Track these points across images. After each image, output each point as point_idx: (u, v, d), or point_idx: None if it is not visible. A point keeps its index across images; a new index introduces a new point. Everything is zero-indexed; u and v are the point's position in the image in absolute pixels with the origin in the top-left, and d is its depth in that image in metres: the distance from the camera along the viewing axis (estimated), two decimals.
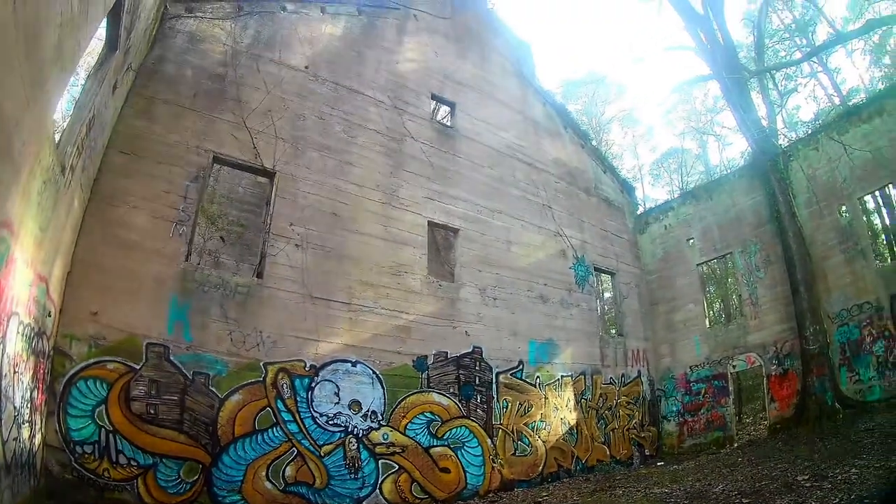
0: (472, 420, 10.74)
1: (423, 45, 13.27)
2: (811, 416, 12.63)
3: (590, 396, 13.31)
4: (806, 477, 7.85)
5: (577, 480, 11.60)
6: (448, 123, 13.46)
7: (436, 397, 10.35)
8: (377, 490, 9.01)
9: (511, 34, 15.81)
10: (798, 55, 23.90)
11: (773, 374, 13.88)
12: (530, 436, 11.67)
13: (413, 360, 10.24)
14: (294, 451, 8.33)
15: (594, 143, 19.49)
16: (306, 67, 10.74)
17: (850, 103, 19.57)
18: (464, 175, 12.67)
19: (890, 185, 14.09)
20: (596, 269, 15.34)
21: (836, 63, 29.80)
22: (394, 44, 12.62)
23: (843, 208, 13.82)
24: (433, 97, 13.05)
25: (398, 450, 9.47)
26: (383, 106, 11.61)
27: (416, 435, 9.81)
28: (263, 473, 7.98)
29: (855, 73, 30.49)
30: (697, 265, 16.32)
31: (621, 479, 10.97)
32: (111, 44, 6.32)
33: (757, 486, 7.94)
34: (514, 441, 11.33)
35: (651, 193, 35.93)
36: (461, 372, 10.93)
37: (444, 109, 14.81)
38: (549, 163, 15.13)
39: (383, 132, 11.38)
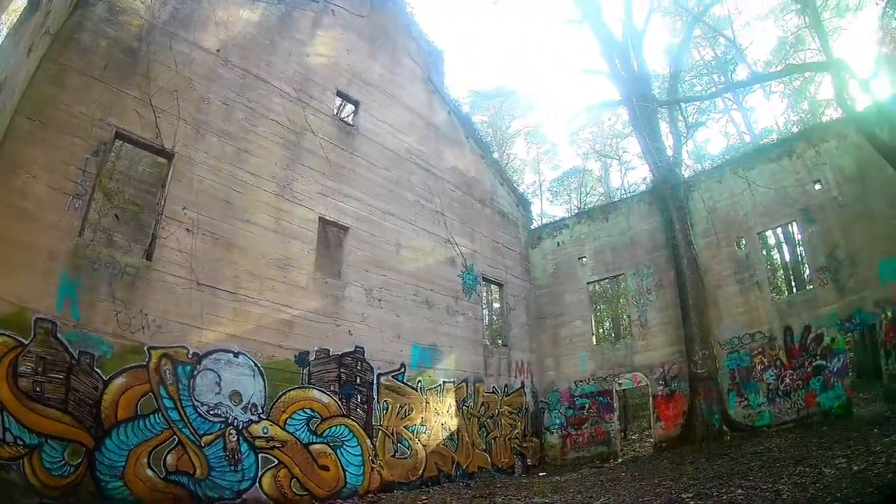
0: (352, 419, 11.80)
1: (337, 40, 14.39)
2: (698, 436, 14.65)
3: (472, 404, 14.89)
4: (690, 495, 8.69)
5: (458, 486, 12.94)
6: (350, 122, 14.60)
7: (316, 394, 11.30)
8: (257, 484, 9.80)
9: (425, 40, 17.37)
10: (714, 90, 27.40)
11: (660, 394, 16.10)
12: (410, 439, 12.96)
13: (295, 356, 11.14)
14: (175, 439, 8.95)
15: (495, 155, 21.50)
16: (217, 51, 11.51)
17: (762, 142, 22.97)
18: (360, 174, 13.83)
19: (793, 224, 16.79)
20: (485, 279, 17.06)
21: (752, 103, 34.43)
22: (307, 36, 13.66)
23: (742, 241, 16.23)
24: (339, 94, 14.17)
25: (278, 444, 10.32)
26: (288, 97, 12.59)
27: (296, 431, 10.71)
28: (145, 460, 8.54)
29: (771, 114, 35.00)
30: (588, 283, 18.56)
31: (502, 488, 12.27)
32: (33, 2, 6.88)
33: (640, 502, 8.89)
34: (394, 443, 12.55)
35: (549, 210, 38.94)
36: (342, 370, 11.95)
37: (350, 108, 15.86)
38: (447, 170, 16.71)
39: (284, 124, 12.33)
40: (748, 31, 30.40)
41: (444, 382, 14.33)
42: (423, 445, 13.26)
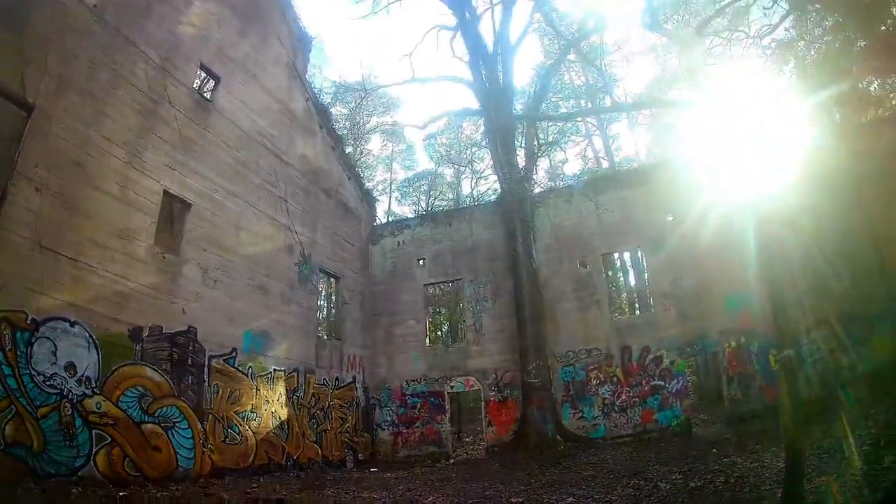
0: (184, 401, 12.42)
1: (210, 13, 14.94)
2: (530, 444, 16.59)
3: (302, 394, 16.05)
4: (521, 500, 9.56)
5: (289, 476, 13.96)
6: (208, 97, 15.14)
7: (149, 372, 11.80)
8: (92, 461, 10.16)
9: (298, 24, 18.39)
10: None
11: (493, 399, 18.20)
12: (241, 425, 13.85)
13: (129, 330, 11.53)
14: (13, 408, 9.11)
15: (350, 149, 22.87)
16: (94, 6, 11.68)
17: (619, 168, 26.01)
18: (209, 152, 14.47)
19: (640, 250, 19.44)
20: (322, 270, 18.29)
21: (618, 131, 38.76)
22: (184, 4, 14.15)
23: (586, 260, 18.64)
24: (202, 67, 14.73)
25: (111, 421, 10.71)
26: (152, 64, 12.96)
27: (129, 408, 11.15)
28: None
29: (636, 145, 39.34)
30: (425, 285, 20.44)
31: (332, 481, 13.36)
32: None
33: (468, 503, 9.78)
34: (224, 428, 13.35)
35: (397, 209, 40.80)
36: (175, 350, 12.51)
37: (211, 84, 16.21)
38: (296, 158, 17.75)
39: (144, 90, 12.70)
40: (626, 65, 34.85)
41: (274, 370, 15.33)
42: (254, 433, 14.18)
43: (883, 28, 13.35)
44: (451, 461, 17.68)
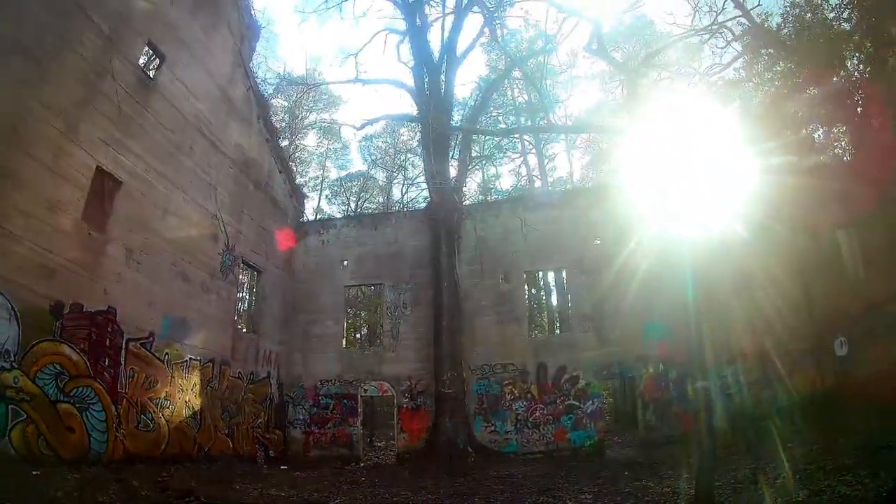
0: (99, 383, 12.14)
1: None
2: (441, 453, 16.78)
3: (216, 386, 15.90)
4: None
5: (199, 467, 13.79)
6: (152, 75, 14.87)
7: (67, 350, 11.50)
8: (7, 437, 9.85)
9: (249, 12, 18.48)
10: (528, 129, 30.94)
11: (406, 406, 18.42)
12: (154, 412, 13.62)
13: (50, 305, 11.21)
14: None
15: (285, 142, 22.73)
16: None
17: (551, 189, 26.61)
18: (146, 131, 14.21)
19: (564, 270, 20.02)
20: (245, 262, 18.18)
21: (555, 151, 39.38)
22: None
23: (507, 276, 19.15)
24: (149, 44, 14.45)
25: (27, 397, 10.40)
26: (101, 35, 12.65)
27: (45, 386, 10.83)
28: None
29: (568, 165, 40.44)
30: (346, 286, 20.58)
31: (241, 476, 13.39)
32: None
33: None
34: (137, 413, 13.11)
35: (326, 208, 40.60)
36: (94, 329, 12.21)
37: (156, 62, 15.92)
38: (230, 146, 17.62)
39: (89, 60, 12.38)
40: (571, 87, 35.72)
41: (190, 359, 15.15)
42: (167, 421, 13.98)
43: (835, 79, 14.46)
44: (362, 464, 17.88)
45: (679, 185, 12.22)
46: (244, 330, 18.69)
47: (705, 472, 8.46)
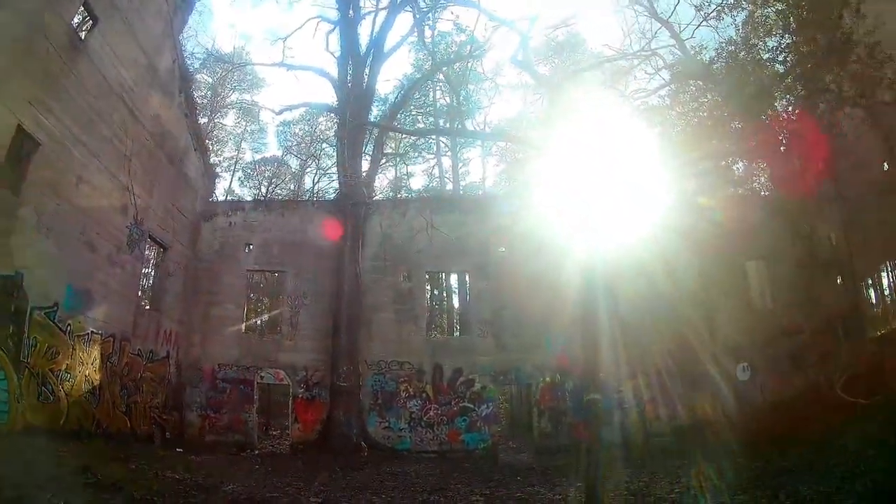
0: (3, 350, 11.72)
1: None
2: (335, 446, 16.99)
3: (116, 361, 15.55)
4: (319, 500, 10.14)
5: (98, 444, 13.43)
6: (83, 37, 14.43)
7: None
8: None
9: None
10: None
11: (301, 397, 18.55)
12: (55, 384, 13.22)
13: None
14: None
15: (204, 119, 22.26)
16: None
17: (461, 193, 26.95)
18: (70, 94, 13.79)
19: (467, 274, 20.52)
20: (151, 237, 17.80)
21: (469, 156, 40.05)
22: None
23: (410, 275, 19.64)
24: (85, 4, 14.04)
25: None
26: None
27: None
28: None
29: (482, 171, 41.13)
30: (248, 271, 20.53)
31: (137, 455, 13.09)
32: None
33: (266, 496, 10.28)
34: (38, 385, 12.72)
35: (238, 190, 39.30)
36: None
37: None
38: (149, 118, 17.27)
39: (24, 14, 12.01)
40: (494, 95, 36.43)
41: (92, 332, 14.74)
42: (67, 394, 13.61)
43: (763, 118, 15.66)
44: (256, 452, 17.87)
45: (592, 202, 12.68)
46: (147, 307, 18.29)
47: (593, 482, 8.98)
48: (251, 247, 20.58)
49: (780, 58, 15.80)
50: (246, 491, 10.69)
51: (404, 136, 33.30)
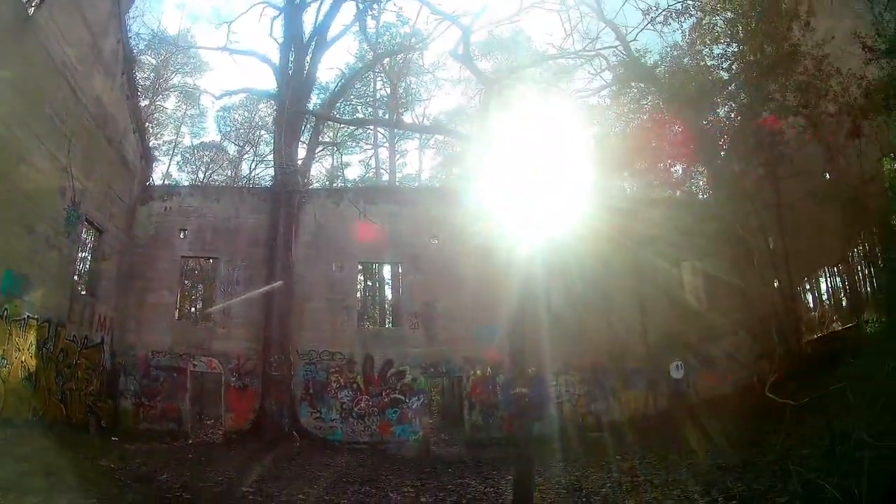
0: None
1: None
2: (266, 436, 17.04)
3: (52, 348, 15.16)
4: (251, 490, 10.44)
5: (34, 433, 13.19)
6: (31, 12, 13.99)
7: None
8: None
9: None
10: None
11: (233, 385, 18.46)
12: None
13: None
14: None
15: (146, 102, 21.64)
16: None
17: (396, 184, 26.93)
18: (13, 72, 13.20)
19: (399, 265, 20.69)
20: (88, 220, 17.33)
21: (406, 148, 40.49)
22: None
23: (343, 265, 19.80)
24: None
25: None
26: None
27: None
28: None
29: (418, 163, 41.79)
30: (183, 257, 20.28)
31: (72, 445, 12.89)
32: None
33: (200, 486, 10.57)
34: None
35: (175, 174, 38.31)
36: None
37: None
38: (91, 99, 16.79)
39: None
40: (435, 88, 36.82)
41: (28, 317, 14.31)
42: (3, 381, 13.29)
43: (705, 123, 16.21)
44: (190, 441, 17.75)
45: (527, 197, 13.12)
46: (83, 292, 17.84)
47: (523, 475, 9.34)
48: (186, 232, 20.27)
49: (725, 65, 16.42)
50: (179, 481, 10.81)
51: (342, 125, 33.25)
